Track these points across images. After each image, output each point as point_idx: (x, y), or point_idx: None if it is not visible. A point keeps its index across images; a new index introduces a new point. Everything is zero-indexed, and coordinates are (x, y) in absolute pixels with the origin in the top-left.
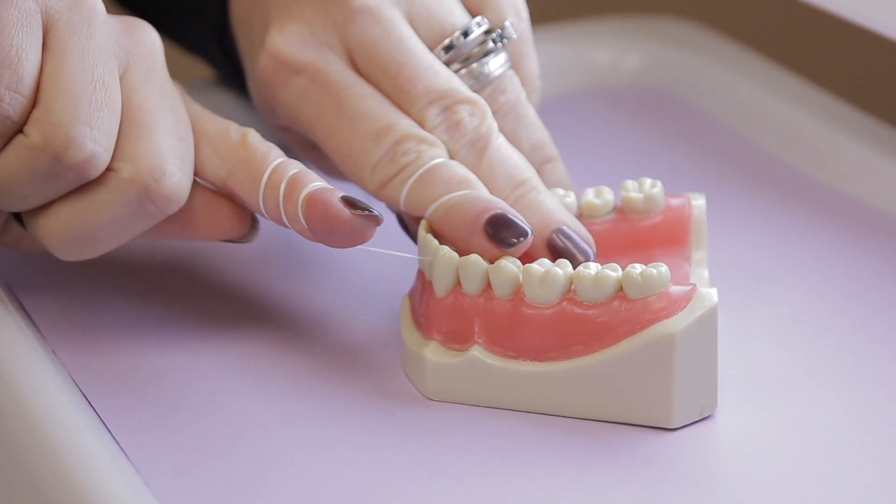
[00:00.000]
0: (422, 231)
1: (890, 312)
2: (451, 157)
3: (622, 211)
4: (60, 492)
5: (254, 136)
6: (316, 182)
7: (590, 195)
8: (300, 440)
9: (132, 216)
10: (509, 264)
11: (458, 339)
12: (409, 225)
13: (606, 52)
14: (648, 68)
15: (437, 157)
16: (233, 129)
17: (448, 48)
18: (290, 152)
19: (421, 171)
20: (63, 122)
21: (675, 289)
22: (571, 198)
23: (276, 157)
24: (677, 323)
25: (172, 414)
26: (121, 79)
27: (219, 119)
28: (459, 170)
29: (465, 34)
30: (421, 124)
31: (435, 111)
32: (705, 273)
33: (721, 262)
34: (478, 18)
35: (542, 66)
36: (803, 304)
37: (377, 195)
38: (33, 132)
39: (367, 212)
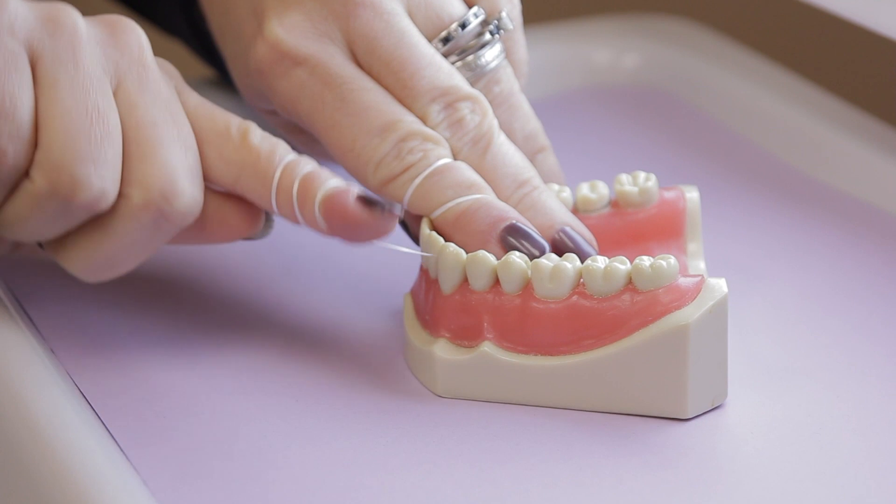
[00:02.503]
0: (425, 229)
1: (887, 310)
2: (454, 155)
3: (617, 205)
4: (59, 492)
5: (255, 135)
6: (328, 182)
7: (584, 189)
8: (303, 439)
9: (149, 237)
10: (517, 259)
11: (466, 335)
12: (409, 223)
13: (605, 51)
14: (647, 67)
15: (443, 156)
16: (233, 128)
17: (445, 40)
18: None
19: (427, 171)
20: (65, 163)
21: (685, 280)
22: (567, 192)
23: (282, 155)
24: (690, 313)
25: (172, 413)
26: (115, 94)
27: (217, 114)
28: (468, 173)
29: (463, 26)
30: (423, 120)
31: (437, 108)
32: (702, 264)
33: (718, 260)
34: (474, 9)
35: (542, 64)
36: (800, 301)
37: (379, 192)
38: (38, 177)
39: (384, 210)
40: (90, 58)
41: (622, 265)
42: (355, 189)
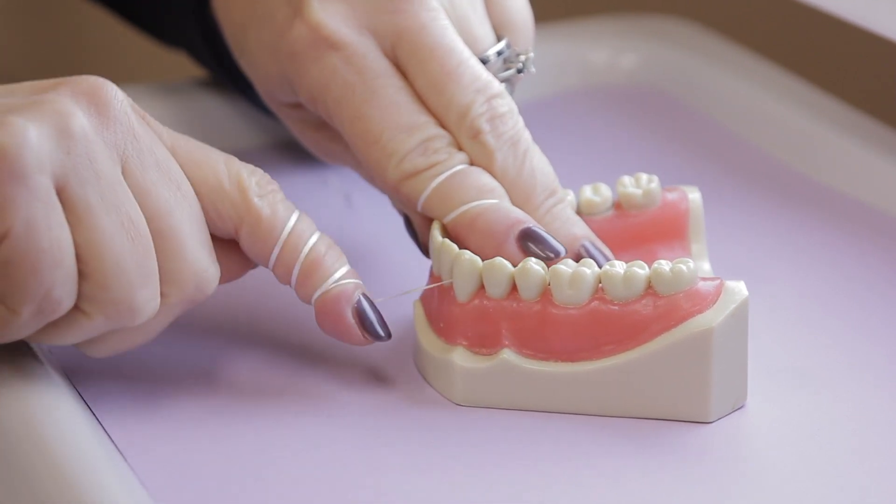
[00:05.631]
0: (438, 236)
1: (886, 309)
2: (491, 155)
3: (620, 207)
4: (58, 493)
5: (252, 188)
6: (334, 274)
7: (587, 192)
8: (304, 442)
9: (173, 318)
10: (535, 266)
11: (484, 343)
12: (418, 229)
13: (603, 51)
14: (645, 67)
15: (464, 162)
16: (225, 180)
17: (482, 61)
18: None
19: (452, 171)
20: (123, 297)
21: (704, 284)
22: (571, 196)
23: (283, 220)
24: (713, 317)
25: (171, 413)
26: (126, 180)
27: (203, 162)
28: (488, 178)
29: (498, 53)
30: (466, 110)
31: (482, 98)
32: (706, 265)
33: (718, 260)
34: (505, 41)
35: (539, 65)
36: (800, 300)
37: (397, 186)
38: (94, 312)
39: (375, 335)
40: (103, 160)
41: (641, 270)
42: (358, 293)
